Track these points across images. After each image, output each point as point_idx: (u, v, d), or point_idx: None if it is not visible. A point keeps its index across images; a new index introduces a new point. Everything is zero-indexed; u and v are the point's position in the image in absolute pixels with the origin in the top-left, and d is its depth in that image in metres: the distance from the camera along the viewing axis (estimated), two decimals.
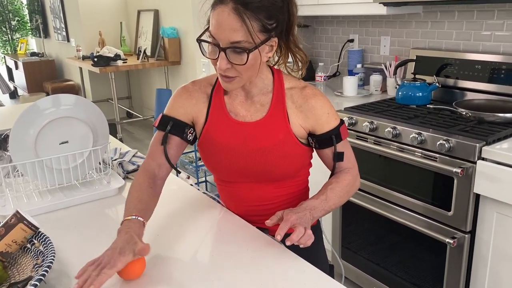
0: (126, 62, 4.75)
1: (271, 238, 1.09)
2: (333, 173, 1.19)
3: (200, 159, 2.99)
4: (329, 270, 1.34)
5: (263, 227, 1.17)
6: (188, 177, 1.31)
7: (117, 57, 4.68)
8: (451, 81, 2.21)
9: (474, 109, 1.89)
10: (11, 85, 6.90)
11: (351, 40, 2.82)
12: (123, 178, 1.48)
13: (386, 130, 1.89)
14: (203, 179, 3.16)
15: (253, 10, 0.97)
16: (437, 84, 2.16)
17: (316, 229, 1.27)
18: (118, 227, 0.98)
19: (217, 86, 1.16)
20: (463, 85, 2.16)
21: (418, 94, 2.14)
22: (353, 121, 2.06)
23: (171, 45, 4.70)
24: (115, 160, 1.60)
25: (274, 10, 1.00)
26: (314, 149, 1.19)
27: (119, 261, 0.88)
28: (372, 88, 2.49)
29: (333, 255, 2.20)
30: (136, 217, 1.00)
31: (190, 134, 1.17)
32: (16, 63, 7.26)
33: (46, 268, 0.87)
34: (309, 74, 2.84)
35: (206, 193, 1.38)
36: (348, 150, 1.19)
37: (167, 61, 4.77)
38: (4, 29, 8.25)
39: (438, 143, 1.70)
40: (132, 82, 6.10)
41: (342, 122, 1.16)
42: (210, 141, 1.16)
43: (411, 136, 1.79)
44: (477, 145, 1.60)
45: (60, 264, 1.01)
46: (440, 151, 1.71)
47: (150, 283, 0.93)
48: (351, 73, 2.70)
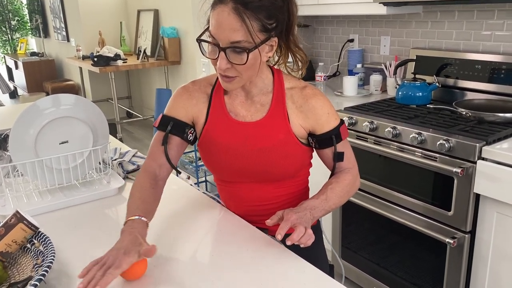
0: (126, 62, 4.75)
1: (271, 238, 1.09)
2: (333, 173, 1.19)
3: (200, 159, 2.98)
4: (329, 270, 1.34)
5: (263, 227, 1.17)
6: (189, 177, 1.31)
7: (117, 57, 4.68)
8: (451, 81, 2.21)
9: (474, 109, 1.88)
10: (11, 85, 6.90)
11: (351, 40, 2.82)
12: (123, 178, 1.48)
13: (386, 130, 1.89)
14: (203, 179, 3.16)
15: (253, 10, 0.97)
16: (437, 84, 2.16)
17: (316, 229, 1.27)
18: (121, 228, 0.98)
19: (217, 86, 1.16)
20: (463, 85, 2.16)
21: (418, 94, 2.14)
22: (353, 121, 2.06)
23: (171, 45, 4.70)
24: (115, 160, 1.60)
25: (274, 10, 1.00)
26: (314, 149, 1.19)
27: (124, 262, 0.88)
28: (372, 88, 2.49)
29: (333, 255, 2.19)
30: (140, 217, 1.00)
31: (191, 134, 1.17)
32: (16, 63, 7.26)
33: (46, 268, 0.87)
34: (309, 74, 2.84)
35: (206, 193, 1.38)
36: (348, 150, 1.19)
37: (167, 61, 4.77)
38: (4, 29, 8.25)
39: (438, 143, 1.70)
40: (132, 82, 6.10)
41: (342, 122, 1.16)
42: (210, 141, 1.16)
43: (411, 136, 1.79)
44: (477, 145, 1.60)
45: (60, 264, 1.01)
46: (440, 151, 1.71)
47: (150, 283, 0.93)
48: (351, 73, 2.70)
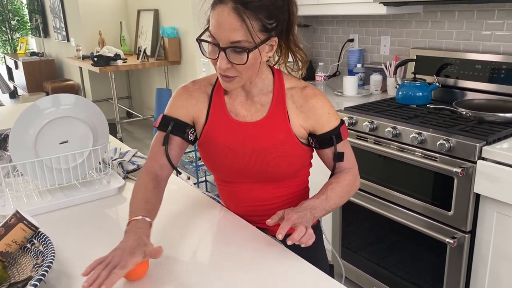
0: (126, 62, 4.75)
1: (271, 238, 1.09)
2: (333, 173, 1.19)
3: (200, 159, 2.98)
4: (329, 270, 1.33)
5: (263, 227, 1.17)
6: (189, 178, 1.31)
7: (117, 57, 4.68)
8: (451, 81, 2.20)
9: (474, 109, 1.88)
10: (11, 85, 6.90)
11: (351, 40, 2.82)
12: (123, 178, 1.48)
13: (386, 130, 1.89)
14: (203, 179, 3.16)
15: (253, 10, 0.97)
16: (437, 84, 2.16)
17: (316, 229, 1.27)
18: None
19: (217, 86, 1.16)
20: (463, 85, 2.16)
21: (418, 94, 2.14)
22: (353, 121, 2.06)
23: (171, 45, 4.70)
24: (115, 160, 1.60)
25: (274, 10, 1.00)
26: (314, 149, 1.19)
27: (130, 262, 0.88)
28: (372, 88, 2.49)
29: (333, 255, 2.19)
30: (144, 218, 1.00)
31: (191, 134, 1.17)
32: (16, 63, 7.26)
33: (46, 268, 0.87)
34: (309, 74, 2.84)
35: (206, 193, 1.38)
36: (348, 150, 1.19)
37: (167, 61, 4.77)
38: (4, 29, 8.25)
39: (438, 143, 1.70)
40: (132, 82, 6.10)
41: (343, 122, 1.16)
42: (210, 141, 1.16)
43: (411, 136, 1.79)
44: (477, 145, 1.60)
45: (60, 264, 1.01)
46: (440, 151, 1.71)
47: (150, 283, 0.93)
48: (351, 73, 2.70)
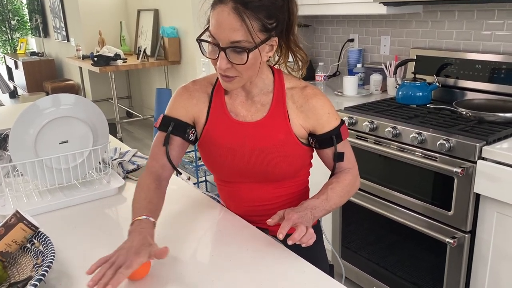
0: (126, 62, 4.75)
1: (271, 238, 1.09)
2: (333, 173, 1.19)
3: (200, 159, 2.98)
4: (329, 270, 1.33)
5: (263, 227, 1.16)
6: (189, 178, 1.31)
7: (117, 57, 4.68)
8: (451, 81, 2.20)
9: (474, 109, 1.88)
10: (11, 85, 6.89)
11: (351, 40, 2.82)
12: (123, 178, 1.48)
13: (386, 130, 1.89)
14: (203, 179, 3.16)
15: (253, 10, 0.96)
16: (437, 84, 2.16)
17: (316, 229, 1.27)
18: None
19: (218, 86, 1.16)
20: (463, 85, 2.16)
21: (418, 94, 2.14)
22: (353, 121, 2.06)
23: (171, 45, 4.70)
24: (115, 160, 1.60)
25: (274, 10, 1.00)
26: (314, 149, 1.19)
27: (135, 262, 0.87)
28: (372, 88, 2.49)
29: (333, 255, 2.19)
30: (148, 217, 1.00)
31: (192, 134, 1.17)
32: (16, 63, 7.25)
33: (46, 268, 0.87)
34: (309, 74, 2.84)
35: (206, 193, 1.38)
36: (348, 150, 1.19)
37: (167, 61, 4.76)
38: (4, 29, 8.25)
39: (438, 143, 1.70)
40: (132, 82, 6.10)
41: (343, 122, 1.16)
42: (211, 141, 1.16)
43: (411, 136, 1.79)
44: (477, 145, 1.60)
45: (60, 264, 1.01)
46: (440, 151, 1.71)
47: (150, 283, 0.93)
48: (351, 73, 2.70)
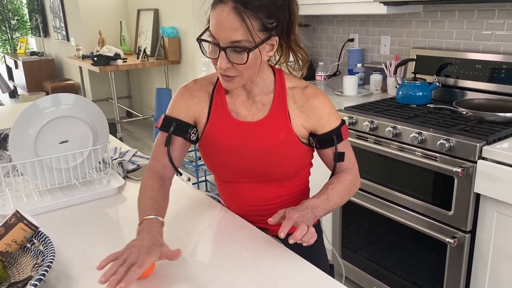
0: (126, 62, 4.75)
1: (271, 238, 1.09)
2: (334, 173, 1.19)
3: (200, 159, 2.98)
4: (329, 270, 1.33)
5: (264, 227, 1.16)
6: (189, 179, 1.30)
7: (117, 57, 4.68)
8: (452, 81, 2.20)
9: (475, 109, 1.88)
10: (11, 84, 6.90)
11: (351, 40, 2.82)
12: (123, 178, 1.48)
13: (387, 130, 1.89)
14: (203, 179, 3.16)
15: (253, 9, 0.96)
16: (438, 84, 2.16)
17: (316, 229, 1.26)
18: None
19: (218, 85, 1.16)
20: (464, 85, 2.16)
21: (419, 94, 2.14)
22: (353, 121, 2.06)
23: (171, 45, 4.70)
24: (115, 160, 1.60)
25: (275, 9, 0.99)
26: (315, 149, 1.19)
27: (147, 261, 0.87)
28: (372, 88, 2.49)
29: (333, 255, 2.19)
30: (156, 217, 1.00)
31: (193, 134, 1.17)
32: (16, 62, 7.25)
33: (46, 268, 0.87)
34: (309, 74, 2.84)
35: (207, 193, 1.38)
36: (349, 150, 1.19)
37: (167, 61, 4.76)
38: (4, 28, 8.24)
39: (439, 143, 1.70)
40: (132, 82, 6.10)
41: (343, 122, 1.16)
42: (211, 141, 1.16)
43: (412, 136, 1.79)
44: (478, 145, 1.60)
45: (60, 264, 1.01)
46: (441, 151, 1.71)
47: (150, 282, 0.93)
48: (351, 73, 2.70)
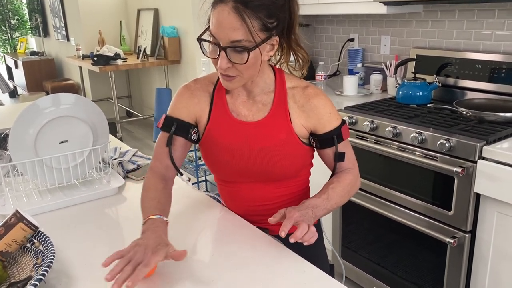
0: (126, 61, 4.75)
1: (272, 238, 1.09)
2: (334, 173, 1.19)
3: (200, 159, 2.98)
4: (330, 270, 1.33)
5: (264, 227, 1.16)
6: (189, 180, 1.30)
7: (117, 56, 4.68)
8: (452, 81, 2.20)
9: (475, 109, 1.88)
10: (11, 84, 6.90)
11: (352, 39, 2.81)
12: (123, 178, 1.48)
13: (387, 130, 1.89)
14: (203, 179, 3.16)
15: (253, 9, 0.96)
16: (438, 84, 2.16)
17: (317, 229, 1.26)
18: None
19: (219, 85, 1.16)
20: (464, 85, 2.16)
21: (419, 94, 2.14)
22: (354, 120, 2.06)
23: (171, 44, 4.69)
24: (115, 160, 1.60)
25: (275, 9, 0.99)
26: (315, 149, 1.19)
27: (153, 260, 0.87)
28: (373, 87, 2.49)
29: (334, 255, 2.19)
30: (161, 217, 1.00)
31: (194, 134, 1.17)
32: (16, 62, 7.25)
33: (46, 268, 0.87)
34: (309, 73, 2.84)
35: (207, 193, 1.38)
36: (349, 150, 1.19)
37: (167, 60, 4.76)
38: (4, 28, 8.24)
39: (439, 143, 1.70)
40: (132, 81, 6.10)
41: (344, 122, 1.16)
42: (212, 141, 1.16)
43: (412, 136, 1.79)
44: (478, 145, 1.60)
45: (60, 264, 1.01)
46: (441, 151, 1.71)
47: (150, 282, 0.93)
48: (351, 72, 2.70)
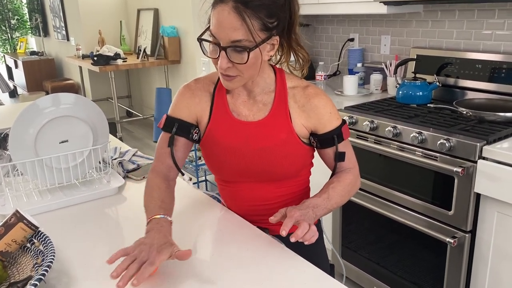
0: (126, 61, 4.75)
1: (272, 238, 1.09)
2: (334, 173, 1.19)
3: (200, 159, 2.98)
4: (330, 270, 1.33)
5: (264, 227, 1.16)
6: (190, 179, 1.30)
7: (117, 56, 4.68)
8: (452, 80, 2.20)
9: (475, 108, 1.88)
10: (11, 84, 6.90)
11: (352, 39, 2.81)
12: (123, 177, 1.48)
13: (387, 129, 1.89)
14: (203, 179, 3.16)
15: (253, 9, 0.96)
16: (438, 83, 2.16)
17: (317, 229, 1.27)
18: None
19: (219, 85, 1.16)
20: (464, 84, 2.16)
21: (419, 93, 2.14)
22: (354, 120, 2.06)
23: (171, 44, 4.69)
24: (115, 159, 1.59)
25: (275, 8, 0.99)
26: (316, 149, 1.19)
27: (158, 259, 0.87)
28: (373, 87, 2.49)
29: (334, 255, 2.19)
30: (165, 216, 1.01)
31: (196, 134, 1.17)
32: (16, 62, 7.25)
33: (46, 268, 0.87)
34: (310, 73, 2.82)
35: (207, 193, 1.38)
36: (349, 150, 1.19)
37: (167, 60, 4.76)
38: (4, 28, 8.24)
39: (439, 143, 1.70)
40: (132, 81, 6.10)
41: (344, 122, 1.16)
42: (213, 141, 1.16)
43: (412, 136, 1.79)
44: (478, 145, 1.60)
45: (60, 264, 1.00)
46: (441, 151, 1.70)
47: (150, 282, 0.93)
48: (352, 72, 2.70)
